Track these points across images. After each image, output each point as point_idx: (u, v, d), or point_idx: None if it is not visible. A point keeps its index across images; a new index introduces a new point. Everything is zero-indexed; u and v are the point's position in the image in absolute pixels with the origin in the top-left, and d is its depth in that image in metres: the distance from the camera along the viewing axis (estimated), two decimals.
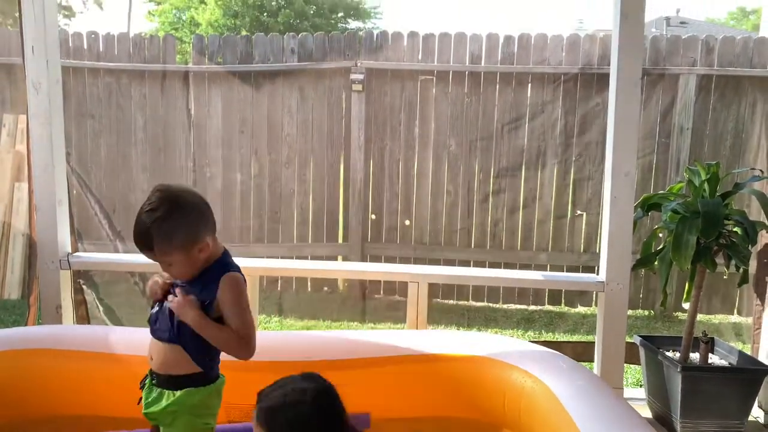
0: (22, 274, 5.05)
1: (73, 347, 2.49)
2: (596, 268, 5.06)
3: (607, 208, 2.92)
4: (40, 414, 2.35)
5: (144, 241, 1.68)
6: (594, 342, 3.08)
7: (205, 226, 1.74)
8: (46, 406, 2.39)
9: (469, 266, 5.24)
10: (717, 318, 5.06)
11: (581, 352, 2.96)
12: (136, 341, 2.56)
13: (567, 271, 5.22)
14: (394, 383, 2.40)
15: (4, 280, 5.07)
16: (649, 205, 3.06)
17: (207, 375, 1.81)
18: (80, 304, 3.28)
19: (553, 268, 5.23)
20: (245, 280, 1.79)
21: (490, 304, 5.33)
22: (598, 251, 5.14)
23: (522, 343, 2.63)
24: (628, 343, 3.09)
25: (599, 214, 5.17)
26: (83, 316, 3.29)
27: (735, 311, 5.10)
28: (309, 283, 5.40)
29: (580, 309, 5.31)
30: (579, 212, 5.26)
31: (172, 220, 1.68)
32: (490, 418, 2.40)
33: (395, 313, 5.02)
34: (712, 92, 5.05)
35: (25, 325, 3.41)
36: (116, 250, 4.90)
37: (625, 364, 3.05)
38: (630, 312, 5.03)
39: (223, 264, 1.78)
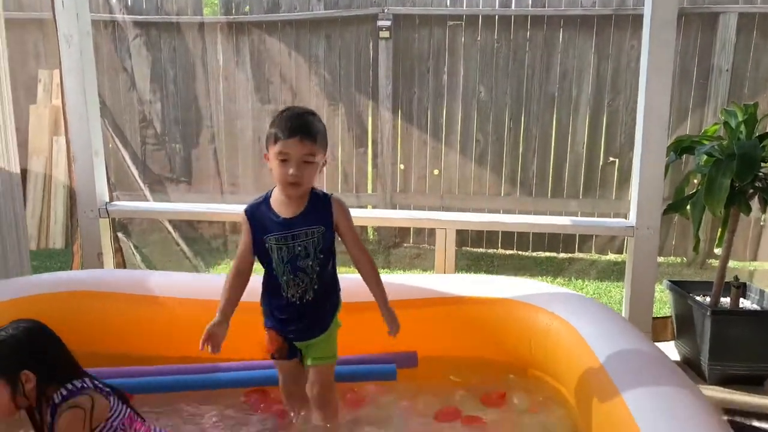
0: (65, 224, 5.24)
1: (116, 290, 2.61)
2: (627, 214, 5.03)
3: (639, 151, 2.88)
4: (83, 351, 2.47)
5: (312, 131, 1.86)
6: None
7: (327, 148, 1.93)
8: (91, 344, 2.52)
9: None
10: (752, 265, 4.98)
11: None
12: (173, 284, 2.68)
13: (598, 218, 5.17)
14: (423, 325, 2.45)
15: (48, 231, 5.26)
16: (682, 149, 3.00)
17: None
18: (117, 251, 3.40)
19: (584, 216, 5.19)
20: None
21: (520, 252, 5.34)
22: (630, 199, 5.09)
23: (549, 286, 2.65)
24: (656, 319, 3.07)
25: (632, 160, 5.10)
26: (120, 263, 3.42)
27: None
28: None
29: (611, 257, 5.28)
30: (611, 159, 5.17)
31: (323, 126, 1.92)
32: (516, 359, 2.45)
33: (423, 262, 5.08)
34: (754, 32, 4.83)
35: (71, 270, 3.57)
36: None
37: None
38: (661, 259, 5.00)
39: (320, 191, 1.96)
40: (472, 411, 2.20)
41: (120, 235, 3.71)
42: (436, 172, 5.35)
